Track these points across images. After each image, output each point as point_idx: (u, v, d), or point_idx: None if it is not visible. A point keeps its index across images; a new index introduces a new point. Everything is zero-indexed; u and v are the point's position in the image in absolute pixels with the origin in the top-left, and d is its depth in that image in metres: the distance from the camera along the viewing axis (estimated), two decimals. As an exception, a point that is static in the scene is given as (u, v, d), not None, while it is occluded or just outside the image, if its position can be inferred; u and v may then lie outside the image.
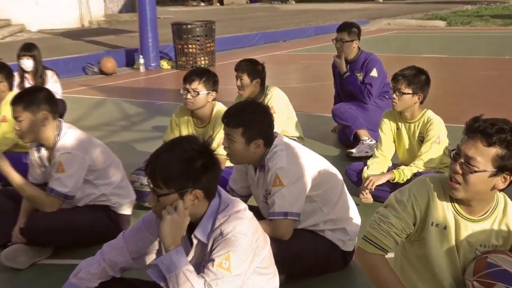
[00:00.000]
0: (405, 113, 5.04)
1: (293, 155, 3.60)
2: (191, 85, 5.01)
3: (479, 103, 9.05)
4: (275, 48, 17.24)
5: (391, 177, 4.92)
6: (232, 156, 3.61)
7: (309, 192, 3.60)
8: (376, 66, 6.73)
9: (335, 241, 3.74)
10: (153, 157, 2.66)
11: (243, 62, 5.85)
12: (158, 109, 9.41)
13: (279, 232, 3.50)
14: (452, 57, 14.40)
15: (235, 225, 2.60)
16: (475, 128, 2.59)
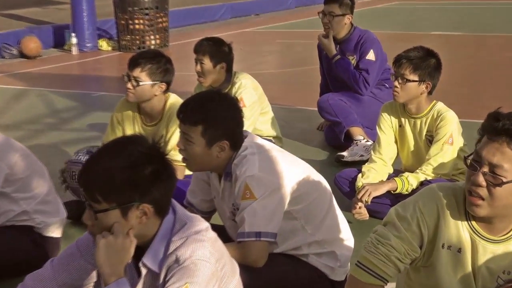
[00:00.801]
0: (410, 106, 5.07)
1: (267, 159, 3.60)
2: (133, 71, 5.00)
3: (502, 93, 9.14)
4: (245, 23, 17.27)
5: (393, 187, 4.95)
6: (190, 162, 3.61)
7: (288, 206, 3.60)
8: (373, 47, 6.78)
9: (322, 268, 3.74)
10: (88, 163, 2.64)
11: (204, 42, 5.84)
12: (95, 102, 9.37)
13: (251, 258, 3.51)
14: (470, 35, 14.55)
15: (194, 249, 2.60)
16: (498, 128, 2.55)
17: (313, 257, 3.73)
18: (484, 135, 2.59)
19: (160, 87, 5.05)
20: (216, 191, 3.77)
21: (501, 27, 15.54)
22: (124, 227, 2.60)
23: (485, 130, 2.60)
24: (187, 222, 2.70)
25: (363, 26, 7.21)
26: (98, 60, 13.09)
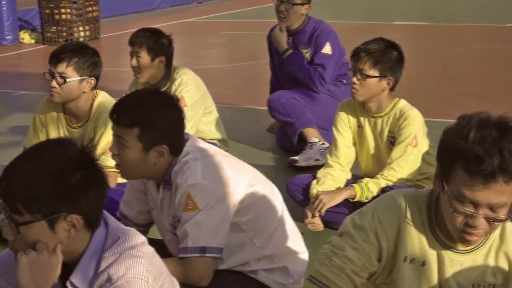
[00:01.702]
0: (370, 104, 5.13)
1: (211, 165, 3.62)
2: (57, 67, 4.96)
3: (474, 89, 9.30)
4: (186, 13, 17.26)
5: (351, 195, 4.98)
6: (124, 168, 3.60)
7: (235, 218, 3.62)
8: (329, 39, 6.83)
9: (273, 285, 3.76)
10: (8, 170, 2.61)
11: (141, 33, 5.85)
12: (16, 102, 9.31)
13: (195, 276, 3.52)
14: (436, 25, 14.71)
15: (129, 266, 2.59)
16: (492, 170, 2.45)
17: (263, 273, 3.75)
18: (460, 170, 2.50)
19: (88, 83, 5.01)
20: (154, 202, 3.77)
21: (473, 16, 15.76)
22: (51, 242, 2.57)
23: (473, 171, 2.48)
24: (121, 236, 2.68)
25: (317, 15, 7.26)
26: (19, 54, 12.97)
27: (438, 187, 2.64)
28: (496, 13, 16.06)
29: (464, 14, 16.16)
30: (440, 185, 2.61)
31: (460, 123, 2.54)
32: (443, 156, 2.60)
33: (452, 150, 2.53)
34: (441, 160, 2.62)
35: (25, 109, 8.32)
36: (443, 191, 2.60)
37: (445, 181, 2.57)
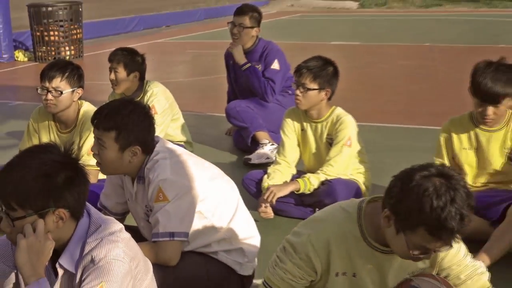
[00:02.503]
0: (311, 112, 5.12)
1: (178, 163, 3.60)
2: (52, 82, 4.90)
3: (396, 98, 9.39)
4: (157, 35, 17.18)
5: (296, 188, 4.98)
6: (104, 165, 3.58)
7: (198, 207, 3.61)
8: (277, 57, 6.83)
9: (231, 264, 3.76)
10: (3, 173, 2.59)
11: (118, 52, 5.82)
12: (12, 111, 9.16)
13: (165, 257, 3.50)
14: (365, 45, 14.81)
15: (109, 249, 2.59)
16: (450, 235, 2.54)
17: (222, 254, 3.75)
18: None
19: (77, 93, 4.99)
20: (129, 194, 3.75)
21: (396, 37, 15.89)
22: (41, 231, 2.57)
23: (433, 235, 2.52)
24: (102, 225, 2.68)
25: (267, 36, 7.27)
26: (14, 70, 12.80)
27: (388, 225, 2.64)
28: (415, 34, 16.21)
29: (388, 36, 16.28)
30: (393, 225, 2.62)
31: (420, 190, 2.51)
32: (402, 213, 2.57)
33: (417, 214, 2.51)
34: (398, 213, 2.59)
35: (20, 117, 8.23)
36: (395, 233, 2.62)
37: (403, 231, 2.58)
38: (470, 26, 17.40)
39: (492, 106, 4.32)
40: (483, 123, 4.44)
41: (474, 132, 4.53)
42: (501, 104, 4.32)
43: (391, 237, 2.64)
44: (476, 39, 14.89)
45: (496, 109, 4.33)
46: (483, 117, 4.39)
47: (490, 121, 4.40)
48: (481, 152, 4.52)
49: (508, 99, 4.34)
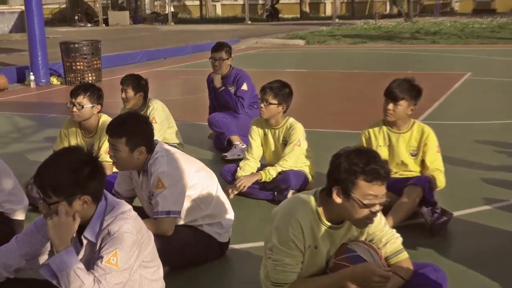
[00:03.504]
0: (271, 121, 5.14)
1: (173, 160, 3.59)
2: (77, 99, 4.88)
3: (333, 110, 9.44)
4: (157, 64, 17.06)
5: (259, 178, 4.99)
6: (118, 164, 3.56)
7: (188, 192, 3.61)
8: (246, 80, 6.83)
9: (213, 234, 3.76)
10: (41, 169, 2.56)
11: (128, 77, 5.77)
12: (48, 121, 9.05)
13: (163, 229, 3.49)
14: (311, 71, 14.85)
15: (121, 225, 2.57)
16: (382, 177, 2.62)
17: (206, 226, 3.75)
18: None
19: (96, 108, 4.95)
20: (136, 183, 3.73)
21: (331, 66, 15.98)
22: (69, 212, 2.54)
23: (369, 180, 2.61)
24: (115, 206, 2.66)
25: (239, 65, 7.29)
26: (50, 91, 12.65)
27: (339, 199, 2.65)
28: (346, 64, 16.31)
29: (327, 65, 16.37)
30: (342, 197, 2.64)
31: (347, 159, 2.64)
32: (341, 176, 2.62)
33: (353, 171, 2.60)
34: (337, 179, 2.64)
35: (54, 126, 8.13)
36: (347, 201, 2.63)
37: (348, 195, 2.62)
38: (386, 58, 17.54)
39: (392, 103, 4.38)
40: (385, 116, 4.47)
41: (387, 133, 4.57)
42: (399, 104, 4.37)
43: (346, 209, 2.66)
44: (390, 67, 15.01)
45: (395, 107, 4.39)
46: (385, 111, 4.44)
47: (389, 115, 4.43)
48: (392, 148, 4.56)
49: (405, 103, 4.38)
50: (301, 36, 24.91)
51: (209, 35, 25.78)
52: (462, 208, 4.72)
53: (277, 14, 42.78)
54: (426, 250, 3.99)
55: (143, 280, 2.74)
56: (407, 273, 2.84)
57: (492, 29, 24.46)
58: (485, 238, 4.20)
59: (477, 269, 3.68)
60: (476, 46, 19.59)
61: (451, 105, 9.40)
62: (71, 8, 44.08)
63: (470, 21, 28.82)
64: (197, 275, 3.70)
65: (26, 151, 7.07)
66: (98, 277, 2.49)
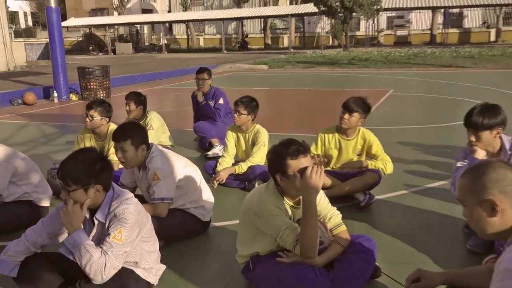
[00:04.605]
0: (242, 127, 5.12)
1: (165, 158, 3.55)
2: (89, 112, 4.81)
3: (290, 118, 9.43)
4: (154, 84, 16.89)
5: (234, 171, 4.96)
6: (127, 163, 3.48)
7: (177, 183, 3.57)
8: (222, 96, 6.81)
9: (198, 215, 3.73)
10: (63, 164, 2.51)
11: (131, 93, 5.70)
12: (68, 129, 8.86)
13: (159, 212, 3.46)
14: (273, 89, 14.86)
15: (125, 208, 2.53)
16: (304, 152, 2.63)
17: (193, 209, 3.71)
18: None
19: (105, 119, 4.86)
20: (137, 177, 3.67)
21: (287, 85, 16.02)
22: (84, 199, 2.49)
23: (296, 156, 2.61)
24: (121, 194, 2.62)
25: (216, 85, 7.26)
26: (69, 105, 12.41)
27: (282, 182, 2.64)
28: (299, 83, 16.38)
29: (285, 84, 16.41)
30: (283, 178, 2.62)
31: (275, 151, 2.67)
32: (276, 164, 2.62)
33: (281, 156, 2.60)
34: (275, 168, 2.63)
35: (72, 132, 8.01)
36: (288, 179, 2.60)
37: (286, 175, 2.60)
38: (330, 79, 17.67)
39: (348, 114, 4.36)
40: (341, 123, 4.44)
41: (338, 139, 4.55)
42: (353, 115, 4.36)
43: (292, 186, 2.63)
44: (333, 86, 15.13)
45: (350, 117, 4.37)
46: (341, 120, 4.42)
47: (344, 123, 4.41)
48: (341, 151, 4.54)
49: (358, 115, 4.37)
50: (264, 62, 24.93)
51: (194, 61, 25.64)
52: (387, 192, 4.77)
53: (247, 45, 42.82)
54: (361, 224, 4.02)
55: (143, 251, 2.70)
56: (346, 242, 2.86)
57: (409, 57, 24.83)
58: (405, 215, 4.25)
59: (400, 239, 3.72)
60: (397, 69, 19.87)
61: (379, 114, 9.52)
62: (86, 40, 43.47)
63: (392, 51, 29.22)
64: (186, 247, 3.67)
65: (50, 152, 6.92)
66: (106, 250, 2.45)
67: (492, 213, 1.78)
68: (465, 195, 1.85)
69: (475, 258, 3.29)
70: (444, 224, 3.98)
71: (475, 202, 1.81)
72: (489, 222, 1.79)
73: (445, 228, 3.89)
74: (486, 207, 1.79)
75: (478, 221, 1.82)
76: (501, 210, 1.77)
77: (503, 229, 1.79)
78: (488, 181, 1.78)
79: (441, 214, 4.19)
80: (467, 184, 1.84)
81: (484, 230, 1.83)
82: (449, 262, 3.30)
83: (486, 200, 1.78)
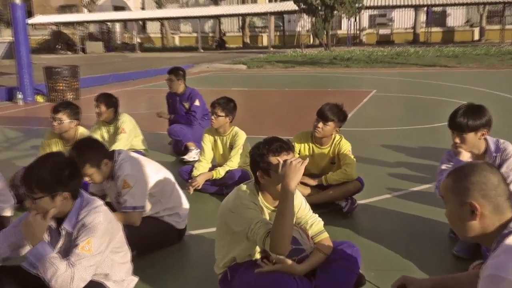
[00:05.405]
0: (220, 129, 5.10)
1: (135, 164, 3.52)
2: (57, 115, 4.72)
3: (269, 120, 9.45)
4: (126, 85, 16.75)
5: (211, 176, 4.93)
6: (96, 182, 3.44)
7: (150, 190, 3.53)
8: (197, 97, 6.79)
9: (172, 223, 3.70)
10: (28, 169, 2.46)
11: (101, 95, 5.63)
12: (34, 133, 8.71)
13: (131, 221, 3.42)
14: (251, 90, 14.89)
15: (95, 217, 2.49)
16: (286, 150, 2.66)
17: (167, 217, 3.68)
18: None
19: (73, 122, 4.79)
20: (105, 186, 3.62)
21: (266, 85, 16.07)
22: (51, 207, 2.43)
23: (279, 154, 2.65)
24: (90, 202, 2.58)
25: (193, 85, 7.23)
26: (35, 108, 12.22)
27: (263, 179, 2.64)
28: (279, 83, 16.43)
29: (264, 84, 16.44)
30: (265, 176, 2.62)
31: (257, 149, 2.69)
32: (258, 161, 2.64)
33: (263, 153, 2.63)
34: (257, 164, 2.64)
35: (39, 136, 7.84)
36: (269, 177, 2.61)
37: (268, 172, 2.60)
38: (310, 79, 17.78)
39: (322, 122, 4.34)
40: (314, 132, 4.39)
41: (312, 148, 4.53)
42: (327, 124, 4.32)
43: (272, 183, 2.63)
44: (314, 86, 15.23)
45: (324, 126, 4.33)
46: (315, 128, 4.37)
47: (318, 132, 4.36)
48: (315, 158, 4.52)
49: (332, 124, 4.32)
50: (243, 62, 24.96)
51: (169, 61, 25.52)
52: (370, 197, 4.80)
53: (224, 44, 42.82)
54: (344, 230, 4.04)
55: (114, 263, 2.67)
56: (328, 249, 2.85)
57: (392, 56, 25.17)
58: (389, 220, 4.28)
59: (383, 244, 3.75)
60: (379, 69, 20.12)
61: (361, 115, 9.60)
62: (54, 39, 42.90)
63: (375, 50, 29.58)
64: (160, 258, 3.62)
65: (14, 158, 6.79)
66: (74, 261, 2.40)
67: (472, 216, 1.82)
68: (447, 194, 1.89)
69: (462, 263, 3.33)
70: (429, 229, 4.03)
71: (456, 202, 1.84)
72: (468, 225, 1.83)
73: (430, 233, 3.93)
74: (466, 210, 1.82)
75: (457, 222, 1.86)
76: (481, 214, 1.80)
77: (482, 233, 1.82)
78: (471, 184, 1.81)
79: (426, 218, 4.24)
80: (450, 183, 1.88)
81: (463, 232, 1.87)
82: (435, 268, 3.33)
83: (467, 203, 1.81)
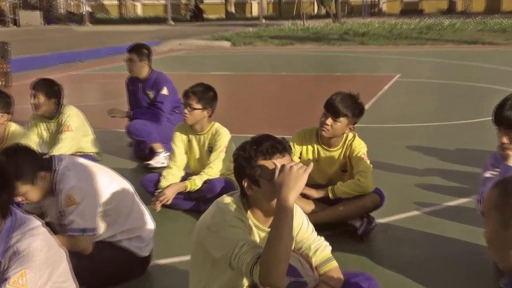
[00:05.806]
0: (196, 126, 5.10)
1: (82, 172, 3.49)
2: None
3: (261, 114, 9.52)
4: (72, 68, 16.70)
5: (183, 188, 4.93)
6: (32, 201, 3.41)
7: (102, 207, 3.52)
8: (166, 84, 6.78)
9: (132, 249, 3.68)
10: None
11: (39, 82, 5.59)
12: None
13: (80, 248, 3.41)
14: (237, 74, 14.92)
15: (30, 242, 2.47)
16: (281, 152, 2.63)
17: (125, 241, 3.68)
18: None
19: (5, 117, 4.82)
20: (43, 203, 3.58)
21: (257, 68, 16.12)
22: None
23: (271, 157, 2.63)
24: (24, 222, 2.56)
25: (160, 68, 7.23)
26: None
27: (251, 190, 2.64)
28: (273, 66, 16.48)
29: (254, 67, 16.48)
30: (253, 186, 2.63)
31: (243, 151, 2.67)
32: (244, 167, 2.64)
33: (250, 156, 2.61)
34: (242, 171, 2.65)
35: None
36: (258, 187, 2.61)
37: (257, 181, 2.60)
38: (314, 59, 17.86)
39: (331, 118, 4.34)
40: (321, 130, 4.37)
41: (317, 150, 4.54)
42: (338, 120, 4.32)
43: (262, 196, 2.63)
44: (319, 70, 15.29)
45: (334, 123, 4.32)
46: (322, 126, 4.35)
47: (325, 131, 4.34)
48: (321, 164, 4.52)
49: (345, 120, 4.29)
50: (226, 37, 25.01)
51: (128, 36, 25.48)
52: (392, 214, 4.82)
53: (202, 15, 42.87)
54: (358, 257, 4.06)
55: (56, 303, 2.65)
56: (338, 283, 2.86)
57: (420, 30, 25.34)
58: (416, 244, 4.30)
59: (409, 276, 3.77)
60: (404, 47, 20.25)
61: (380, 107, 9.64)
62: (-25, 7, 42.59)
63: (398, 22, 29.74)
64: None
65: None
66: (3, 302, 2.39)
67: None
68: (489, 211, 1.85)
69: (509, 300, 3.36)
70: (467, 255, 4.06)
71: (499, 223, 1.80)
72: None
73: (469, 261, 3.96)
74: (511, 234, 1.78)
75: (498, 248, 1.84)
76: None
77: None
78: None
79: (464, 242, 4.27)
80: (494, 197, 1.84)
81: (504, 260, 1.84)
82: (474, 306, 3.36)
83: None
